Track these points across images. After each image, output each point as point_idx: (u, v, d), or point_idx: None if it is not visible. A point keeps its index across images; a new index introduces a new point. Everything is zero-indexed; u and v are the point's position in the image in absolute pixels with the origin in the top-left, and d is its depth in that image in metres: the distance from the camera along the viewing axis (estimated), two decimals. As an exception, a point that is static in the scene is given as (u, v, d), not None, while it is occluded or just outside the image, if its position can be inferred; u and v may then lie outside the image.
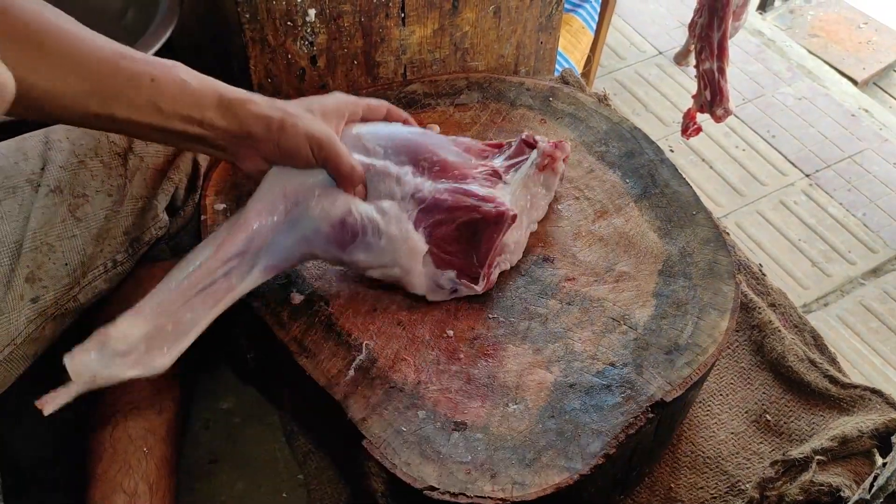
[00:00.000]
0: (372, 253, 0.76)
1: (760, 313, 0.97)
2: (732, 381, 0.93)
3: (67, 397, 0.63)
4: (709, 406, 0.91)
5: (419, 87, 1.05)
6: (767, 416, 0.89)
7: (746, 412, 0.90)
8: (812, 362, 0.92)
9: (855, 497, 0.73)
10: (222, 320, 0.74)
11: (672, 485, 0.85)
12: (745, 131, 2.08)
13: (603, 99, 1.10)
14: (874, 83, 2.32)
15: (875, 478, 0.70)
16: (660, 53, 2.30)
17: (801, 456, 0.80)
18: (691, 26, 1.31)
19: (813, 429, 0.88)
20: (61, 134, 0.80)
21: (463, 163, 0.83)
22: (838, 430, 0.83)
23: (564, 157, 0.89)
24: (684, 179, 0.94)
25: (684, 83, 2.20)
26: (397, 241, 0.76)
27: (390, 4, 1.00)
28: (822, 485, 0.78)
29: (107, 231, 0.79)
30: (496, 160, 0.87)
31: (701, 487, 0.84)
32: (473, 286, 0.78)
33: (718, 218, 0.88)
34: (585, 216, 0.90)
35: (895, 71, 2.35)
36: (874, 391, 0.89)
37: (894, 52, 2.33)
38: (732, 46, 1.28)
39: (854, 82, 2.25)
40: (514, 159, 0.87)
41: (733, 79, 1.31)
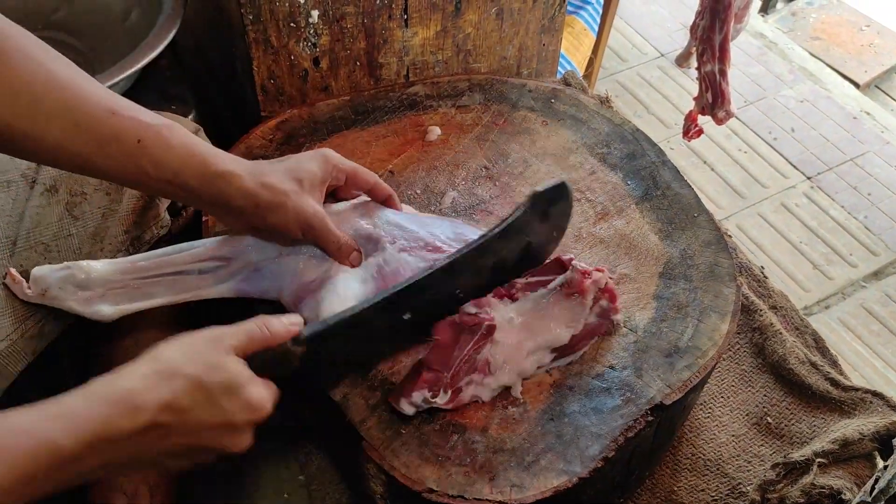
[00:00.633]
0: (315, 310, 0.75)
1: (762, 315, 0.97)
2: (733, 384, 0.93)
3: (20, 291, 0.72)
4: (710, 408, 0.91)
5: (421, 89, 1.06)
6: (768, 419, 0.89)
7: (747, 415, 0.90)
8: (813, 365, 0.92)
9: (856, 499, 0.73)
10: (223, 323, 0.74)
11: (673, 487, 0.85)
12: (747, 133, 2.08)
13: (605, 101, 1.10)
14: (876, 86, 2.32)
15: (876, 480, 0.69)
16: (661, 55, 2.30)
17: (802, 458, 0.80)
18: (693, 28, 1.31)
19: (814, 431, 0.87)
20: None
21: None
22: (839, 433, 0.83)
23: (602, 290, 0.77)
24: (686, 181, 0.94)
25: (686, 85, 2.20)
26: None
27: (393, 6, 1.00)
28: (823, 487, 0.78)
29: (105, 229, 0.79)
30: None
31: (702, 490, 0.84)
32: (434, 400, 0.69)
33: (719, 220, 0.87)
34: (586, 218, 0.90)
35: (897, 73, 2.35)
36: (875, 394, 0.89)
37: (896, 55, 2.33)
38: (734, 48, 1.28)
39: (856, 85, 2.25)
40: (539, 277, 0.78)
41: (735, 81, 1.31)
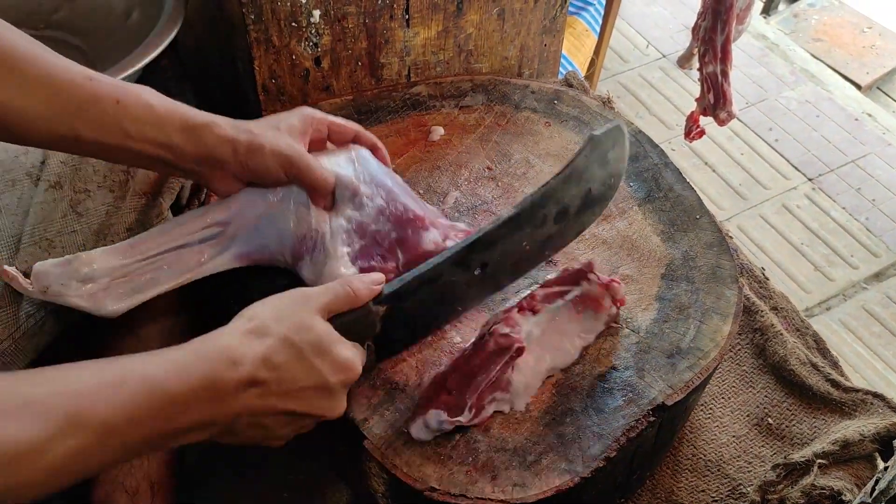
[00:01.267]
0: (313, 270, 0.76)
1: (763, 317, 0.97)
2: (734, 385, 0.93)
3: (19, 287, 0.68)
4: (710, 409, 0.91)
5: (424, 89, 1.06)
6: (769, 420, 0.89)
7: (748, 415, 0.90)
8: (814, 366, 0.92)
9: (856, 501, 0.73)
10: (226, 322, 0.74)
11: (673, 488, 0.85)
12: (748, 135, 2.08)
13: (607, 102, 1.10)
14: (877, 87, 2.32)
15: (876, 481, 0.69)
16: (663, 57, 2.30)
17: (803, 459, 0.80)
18: (695, 29, 1.31)
19: (815, 432, 0.87)
20: None
21: (432, 220, 0.80)
22: (840, 434, 0.83)
23: (615, 300, 0.77)
24: (688, 183, 0.94)
25: (687, 86, 2.20)
26: (328, 261, 0.75)
27: (395, 6, 1.01)
28: (824, 488, 0.78)
29: (108, 227, 0.79)
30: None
31: (702, 490, 0.84)
32: (458, 418, 0.69)
33: (721, 221, 0.87)
34: (588, 219, 0.91)
35: (899, 75, 2.35)
36: (876, 395, 0.89)
37: (898, 57, 2.33)
38: (736, 50, 1.28)
39: (857, 86, 2.25)
40: (562, 287, 0.76)
41: (736, 82, 1.31)
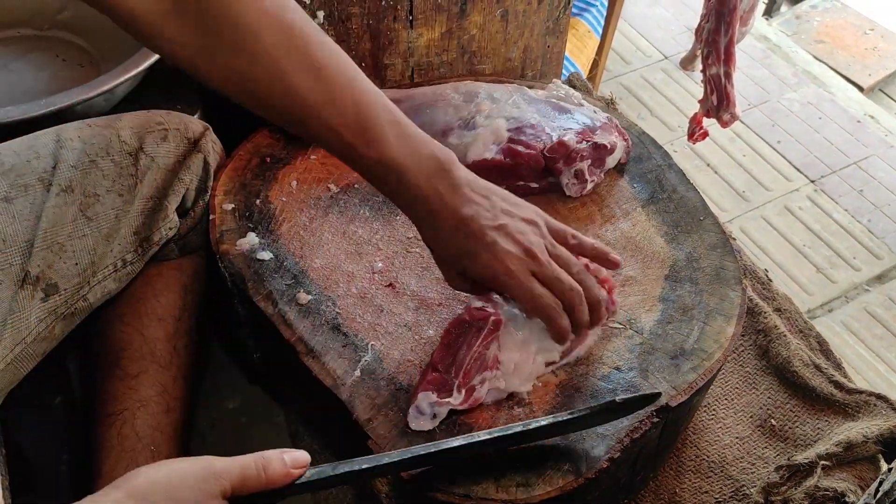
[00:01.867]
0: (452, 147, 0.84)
1: (766, 318, 0.97)
2: (738, 386, 0.93)
3: None
4: (714, 410, 0.91)
5: (427, 90, 1.06)
6: (772, 421, 0.90)
7: (751, 417, 0.90)
8: (817, 367, 0.92)
9: (860, 502, 0.73)
10: (226, 321, 0.74)
11: (677, 489, 0.85)
12: (751, 137, 2.08)
13: (609, 103, 1.10)
14: (880, 89, 2.32)
15: (880, 483, 0.69)
16: (666, 58, 2.30)
17: (806, 461, 0.80)
18: (698, 31, 1.31)
19: (818, 434, 0.88)
20: (73, 133, 0.80)
21: None
22: (843, 436, 0.83)
23: (601, 280, 0.77)
24: (692, 185, 0.94)
25: (690, 88, 2.20)
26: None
27: (398, 7, 1.01)
28: (827, 490, 0.78)
29: (116, 231, 0.80)
30: None
31: (705, 492, 0.84)
32: (448, 399, 0.69)
33: (723, 223, 0.87)
34: (592, 220, 0.91)
35: (901, 77, 2.35)
36: (879, 396, 0.89)
37: (900, 59, 2.33)
38: (738, 52, 1.28)
39: (860, 88, 2.25)
40: None
41: (739, 84, 1.31)
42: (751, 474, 0.85)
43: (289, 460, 0.57)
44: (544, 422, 0.66)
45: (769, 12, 2.50)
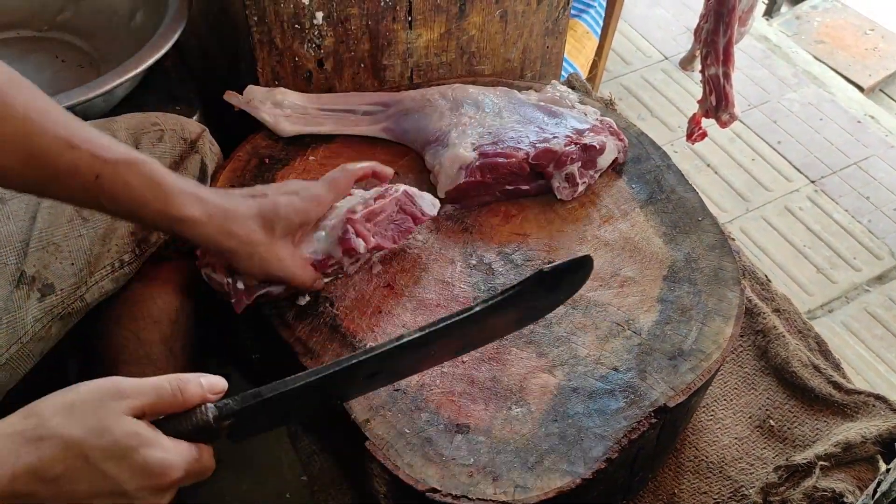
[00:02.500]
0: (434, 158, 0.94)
1: (765, 318, 0.97)
2: (736, 386, 0.93)
3: (237, 101, 0.98)
4: (712, 411, 0.91)
5: (425, 91, 1.06)
6: (771, 422, 0.89)
7: (750, 417, 0.90)
8: (816, 368, 0.92)
9: (858, 503, 0.73)
10: (226, 321, 0.74)
11: (675, 490, 0.85)
12: (751, 137, 2.08)
13: (609, 104, 1.10)
14: (880, 89, 2.31)
15: (878, 483, 0.69)
16: (665, 59, 2.30)
17: (805, 461, 0.80)
18: (697, 31, 1.31)
19: (817, 434, 0.87)
20: None
21: None
22: (842, 436, 0.83)
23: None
24: (690, 185, 0.94)
25: (690, 88, 2.19)
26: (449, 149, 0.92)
27: (397, 8, 1.01)
28: (826, 490, 0.78)
29: (113, 231, 0.80)
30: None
31: (704, 492, 0.84)
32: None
33: (723, 223, 0.87)
34: (591, 221, 0.91)
35: (901, 77, 2.34)
36: (878, 397, 0.89)
37: (901, 59, 2.32)
38: (738, 52, 1.28)
39: (860, 88, 2.25)
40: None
41: (739, 84, 1.31)
42: (749, 475, 0.85)
43: (206, 384, 0.57)
44: (479, 307, 0.65)
45: (769, 13, 2.49)
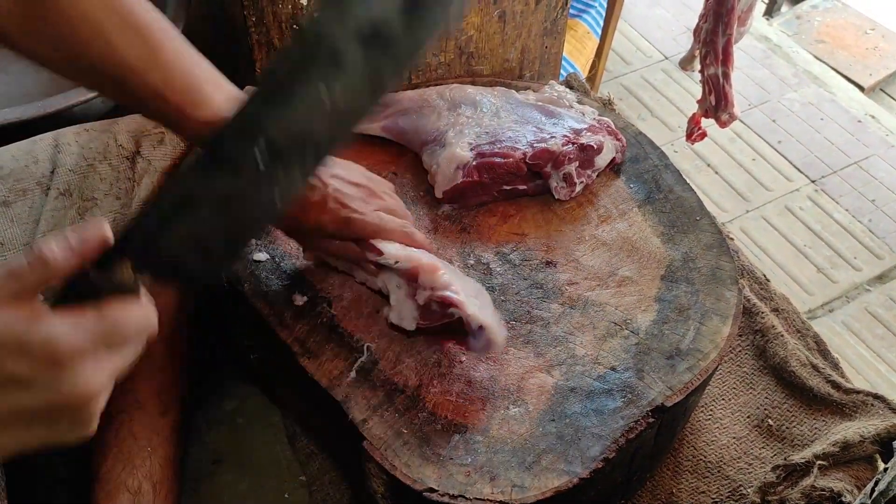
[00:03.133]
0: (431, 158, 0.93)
1: (763, 318, 0.97)
2: (735, 386, 0.93)
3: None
4: (711, 410, 0.91)
5: (424, 91, 1.06)
6: (769, 421, 0.89)
7: (748, 417, 0.90)
8: (814, 367, 0.92)
9: (856, 502, 0.73)
10: (226, 321, 0.74)
11: (674, 489, 0.85)
12: (751, 137, 2.08)
13: (608, 103, 1.10)
14: (881, 89, 2.31)
15: (876, 483, 0.69)
16: (665, 59, 2.30)
17: (803, 461, 0.80)
18: (696, 31, 1.31)
19: (815, 434, 0.87)
20: (71, 137, 0.80)
21: None
22: (840, 436, 0.83)
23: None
24: (688, 184, 0.94)
25: (690, 88, 2.19)
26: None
27: (396, 9, 1.01)
28: (824, 489, 0.78)
29: (115, 234, 0.80)
30: None
31: (703, 492, 0.84)
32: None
33: (723, 223, 0.88)
34: (589, 220, 0.91)
35: (902, 77, 2.34)
36: (876, 396, 0.89)
37: (901, 59, 2.32)
38: (738, 52, 1.28)
39: (860, 88, 2.24)
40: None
41: (739, 84, 1.31)
42: (748, 474, 0.85)
43: (73, 239, 0.51)
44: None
45: (770, 12, 2.49)
